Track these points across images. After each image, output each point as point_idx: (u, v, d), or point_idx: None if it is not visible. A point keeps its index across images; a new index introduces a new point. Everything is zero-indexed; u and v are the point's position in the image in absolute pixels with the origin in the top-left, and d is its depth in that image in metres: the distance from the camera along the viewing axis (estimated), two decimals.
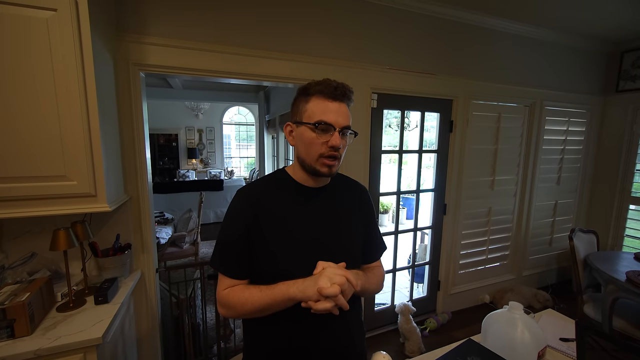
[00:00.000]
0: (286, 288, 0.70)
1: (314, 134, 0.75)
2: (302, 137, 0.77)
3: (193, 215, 3.45)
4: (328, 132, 0.75)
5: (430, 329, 2.38)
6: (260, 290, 0.73)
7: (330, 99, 0.75)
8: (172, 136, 7.53)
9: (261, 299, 0.72)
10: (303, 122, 0.76)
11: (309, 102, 0.77)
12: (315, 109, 0.75)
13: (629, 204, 2.90)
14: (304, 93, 0.79)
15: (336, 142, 0.74)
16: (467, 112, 2.41)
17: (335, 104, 0.76)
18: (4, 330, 0.99)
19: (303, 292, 0.68)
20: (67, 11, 1.09)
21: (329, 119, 0.74)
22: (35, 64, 1.08)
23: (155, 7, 1.50)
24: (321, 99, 0.76)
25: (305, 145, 0.77)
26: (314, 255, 0.77)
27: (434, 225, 2.51)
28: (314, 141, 0.75)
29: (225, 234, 0.79)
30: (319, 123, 0.74)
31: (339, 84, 0.76)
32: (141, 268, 1.62)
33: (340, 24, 1.90)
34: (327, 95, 0.75)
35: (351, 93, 0.78)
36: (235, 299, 0.75)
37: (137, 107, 1.53)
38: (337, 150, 0.75)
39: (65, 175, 1.16)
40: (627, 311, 1.86)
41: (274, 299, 0.71)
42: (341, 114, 0.76)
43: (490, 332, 0.92)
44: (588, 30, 2.57)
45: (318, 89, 0.76)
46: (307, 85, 0.78)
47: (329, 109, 0.75)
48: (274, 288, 0.72)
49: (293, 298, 0.70)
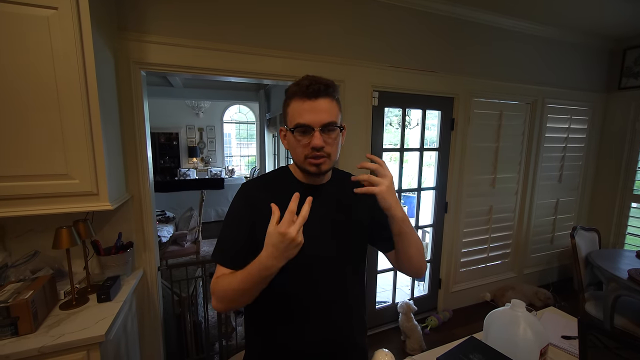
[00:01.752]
0: (257, 259, 0.66)
1: (294, 138, 0.74)
2: (288, 141, 0.78)
3: (194, 214, 3.46)
4: (308, 133, 0.73)
5: (431, 327, 2.39)
6: (238, 275, 0.70)
7: (305, 98, 0.72)
8: (172, 135, 7.53)
9: (238, 278, 0.69)
10: (287, 127, 0.77)
11: (289, 105, 0.76)
12: (293, 112, 0.74)
13: (631, 201, 2.89)
14: (286, 97, 0.78)
15: (317, 142, 0.71)
16: (468, 110, 2.40)
17: (309, 102, 0.72)
18: (8, 328, 0.99)
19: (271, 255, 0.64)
20: (68, 9, 1.09)
21: (305, 120, 0.72)
22: (36, 63, 1.08)
23: (155, 4, 1.50)
24: (297, 100, 0.73)
25: (291, 149, 0.78)
26: (315, 252, 0.77)
27: (435, 223, 2.51)
28: (297, 145, 0.74)
29: (226, 231, 0.80)
30: (296, 126, 0.73)
31: (313, 80, 0.73)
32: (143, 266, 1.63)
33: (341, 21, 1.90)
34: (301, 95, 0.73)
35: (330, 87, 0.74)
36: (220, 285, 0.73)
37: (138, 105, 1.53)
38: (320, 150, 0.73)
39: (67, 174, 1.16)
40: (629, 309, 1.85)
41: (250, 273, 0.67)
42: (319, 111, 0.72)
43: (492, 330, 0.92)
44: (590, 27, 2.56)
45: (293, 90, 0.74)
46: (287, 88, 0.77)
47: (304, 110, 0.72)
48: (251, 265, 0.68)
49: (265, 264, 0.65)
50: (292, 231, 0.61)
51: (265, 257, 0.65)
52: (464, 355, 0.79)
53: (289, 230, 0.61)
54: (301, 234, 0.63)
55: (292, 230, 0.62)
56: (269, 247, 0.64)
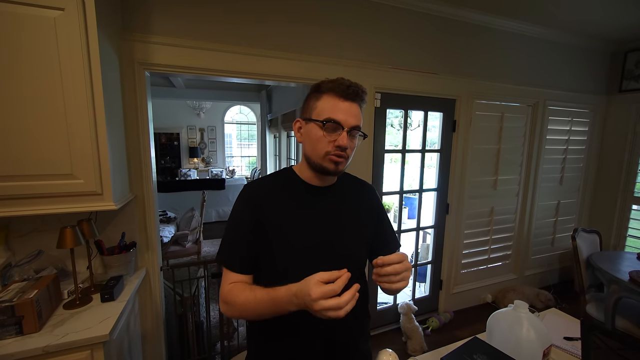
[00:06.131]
0: (286, 297, 0.64)
1: (321, 132, 0.74)
2: (310, 134, 0.76)
3: (195, 214, 3.46)
4: (336, 131, 0.74)
5: (432, 328, 2.39)
6: (258, 297, 0.68)
7: (342, 98, 0.74)
8: (173, 135, 7.53)
9: (258, 306, 0.68)
10: (312, 119, 0.76)
11: (320, 99, 0.76)
12: (325, 107, 0.75)
13: (632, 204, 2.89)
14: (316, 90, 0.78)
15: (343, 142, 0.73)
16: (470, 111, 2.41)
17: (346, 103, 0.75)
18: (13, 327, 1.00)
19: (299, 299, 0.61)
20: (75, 10, 1.10)
21: (338, 117, 0.73)
22: (42, 63, 1.08)
23: (160, 5, 1.51)
24: (332, 97, 0.75)
25: (312, 143, 0.76)
26: (318, 255, 0.77)
27: (436, 224, 2.52)
28: (321, 139, 0.74)
29: (231, 234, 0.79)
30: (328, 121, 0.73)
31: (352, 84, 0.75)
32: (146, 266, 1.63)
33: (344, 23, 1.90)
34: (338, 93, 0.75)
35: (364, 94, 0.77)
36: (236, 299, 0.72)
37: (142, 106, 1.54)
38: (344, 150, 0.74)
39: (72, 174, 1.17)
40: (630, 311, 1.86)
41: (274, 309, 0.67)
42: (351, 114, 0.74)
43: (495, 331, 0.92)
44: (592, 30, 2.57)
45: (330, 87, 0.75)
46: (319, 83, 0.78)
47: (339, 108, 0.74)
48: (274, 296, 0.66)
49: (285, 307, 0.65)
50: (323, 304, 0.57)
51: (288, 301, 0.63)
52: (468, 356, 0.79)
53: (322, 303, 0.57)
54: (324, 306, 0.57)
55: (324, 304, 0.57)
56: (299, 297, 0.61)
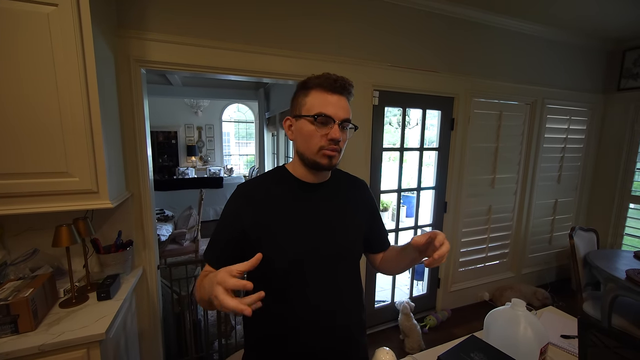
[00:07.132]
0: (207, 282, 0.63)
1: (313, 127, 0.75)
2: (302, 130, 0.77)
3: (193, 213, 3.45)
4: (327, 124, 0.74)
5: (430, 326, 2.39)
6: (204, 282, 0.68)
7: (330, 92, 0.75)
8: (171, 133, 7.51)
9: (202, 290, 0.68)
10: (302, 115, 0.76)
11: (308, 95, 0.77)
12: (314, 102, 0.75)
13: (629, 202, 2.91)
14: (304, 87, 0.79)
15: (336, 134, 0.74)
16: (468, 110, 2.40)
17: (334, 96, 0.76)
18: (8, 326, 0.99)
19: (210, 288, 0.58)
20: (68, 6, 1.08)
21: (328, 111, 0.74)
22: (36, 60, 1.07)
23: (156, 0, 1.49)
24: (320, 92, 0.76)
25: (304, 139, 0.77)
26: (312, 252, 0.77)
27: (434, 223, 2.52)
28: (314, 134, 0.75)
29: (218, 231, 0.81)
30: (319, 115, 0.74)
31: (339, 77, 0.76)
32: (143, 265, 1.63)
33: (342, 20, 1.89)
34: (326, 88, 0.75)
35: (351, 87, 0.78)
36: (198, 285, 0.74)
37: (138, 103, 1.53)
38: (337, 143, 0.75)
39: (67, 172, 1.16)
40: (627, 309, 1.87)
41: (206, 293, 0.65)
42: (341, 107, 0.76)
43: (493, 329, 0.92)
44: (590, 28, 2.57)
45: (317, 82, 0.76)
46: (306, 80, 0.79)
47: (328, 102, 0.75)
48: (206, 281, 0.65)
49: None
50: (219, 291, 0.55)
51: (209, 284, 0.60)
52: (465, 354, 0.79)
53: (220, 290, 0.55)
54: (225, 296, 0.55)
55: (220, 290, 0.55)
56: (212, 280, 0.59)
